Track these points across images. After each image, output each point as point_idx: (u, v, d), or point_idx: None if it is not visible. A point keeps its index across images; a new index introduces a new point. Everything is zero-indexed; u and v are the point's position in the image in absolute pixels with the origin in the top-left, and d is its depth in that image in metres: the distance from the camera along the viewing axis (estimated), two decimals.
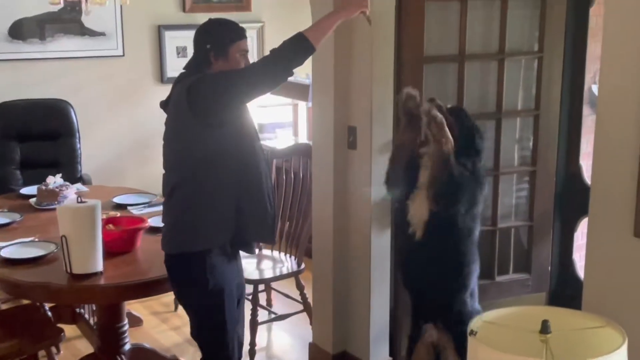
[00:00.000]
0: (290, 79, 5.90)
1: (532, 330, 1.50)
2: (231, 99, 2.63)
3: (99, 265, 2.90)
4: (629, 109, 2.30)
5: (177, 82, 2.77)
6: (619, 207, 2.34)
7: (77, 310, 3.92)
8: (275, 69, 2.60)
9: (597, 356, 1.43)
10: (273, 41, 5.77)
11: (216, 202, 2.67)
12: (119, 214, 3.50)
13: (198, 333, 2.80)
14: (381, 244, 3.39)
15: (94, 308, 3.70)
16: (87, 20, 5.07)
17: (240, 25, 2.75)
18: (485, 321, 1.57)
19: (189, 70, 2.75)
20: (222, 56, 2.68)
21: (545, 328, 1.48)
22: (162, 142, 5.81)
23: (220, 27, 2.72)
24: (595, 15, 3.64)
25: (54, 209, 3.18)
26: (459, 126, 2.82)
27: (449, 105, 2.93)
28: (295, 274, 3.93)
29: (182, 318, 4.34)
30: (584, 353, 1.50)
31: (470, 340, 1.52)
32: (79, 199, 2.98)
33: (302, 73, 5.52)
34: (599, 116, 2.44)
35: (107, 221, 3.23)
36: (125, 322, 3.43)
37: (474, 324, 1.56)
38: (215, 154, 2.66)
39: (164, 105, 2.86)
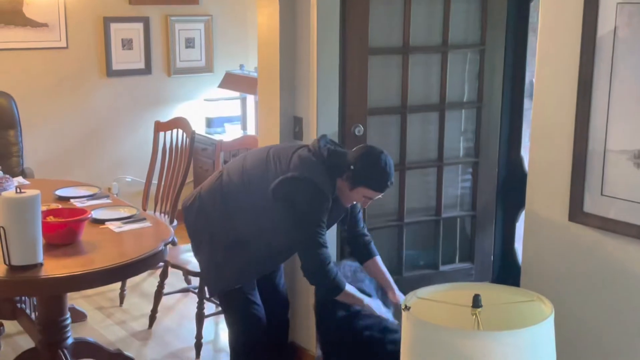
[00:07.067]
0: (237, 71, 5.88)
1: (464, 305, 1.53)
2: (285, 224, 2.73)
3: (39, 257, 2.83)
4: (564, 100, 2.37)
5: (300, 147, 2.81)
6: (555, 193, 2.41)
7: (18, 305, 3.82)
8: (314, 275, 2.71)
9: (526, 327, 1.48)
10: (221, 35, 5.78)
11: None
12: (60, 206, 3.43)
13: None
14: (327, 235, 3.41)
15: (35, 303, 3.62)
16: (29, 11, 4.96)
17: (390, 181, 2.73)
18: (419, 297, 1.60)
19: (318, 155, 2.73)
20: (350, 184, 2.70)
21: (476, 302, 1.52)
22: (108, 134, 5.75)
23: (375, 169, 2.69)
24: (537, 10, 3.73)
25: None
26: None
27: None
28: None
29: (127, 313, 4.29)
30: (513, 324, 1.55)
31: (404, 315, 1.55)
32: (18, 189, 2.91)
33: (251, 66, 5.51)
34: (536, 107, 2.51)
35: (47, 213, 3.17)
36: (67, 316, 3.36)
37: (408, 300, 1.59)
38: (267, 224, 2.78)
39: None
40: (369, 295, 2.79)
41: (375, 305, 2.73)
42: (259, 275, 2.91)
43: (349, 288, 2.71)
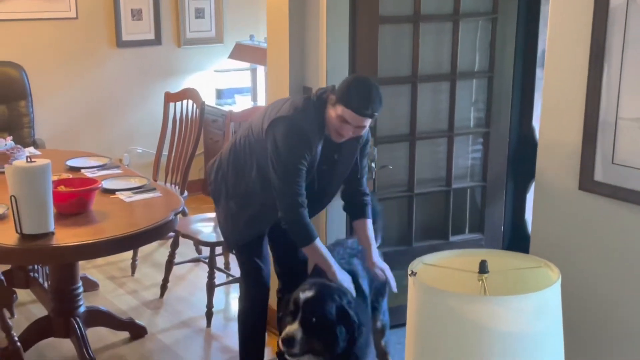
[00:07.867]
0: (248, 42, 5.83)
1: (471, 271, 1.53)
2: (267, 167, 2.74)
3: (50, 226, 2.86)
4: (576, 69, 2.34)
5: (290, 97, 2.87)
6: (566, 161, 2.39)
7: (31, 274, 3.87)
8: (286, 215, 2.70)
9: (532, 292, 1.47)
10: (231, 5, 5.73)
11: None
12: (71, 176, 3.45)
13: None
14: (336, 203, 3.41)
15: (48, 272, 3.66)
16: None
17: (371, 108, 2.60)
18: (425, 263, 1.60)
19: (308, 98, 2.74)
20: (332, 104, 2.66)
21: (483, 268, 1.52)
22: (118, 105, 5.75)
23: (357, 87, 2.61)
24: None
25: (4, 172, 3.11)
26: None
27: None
28: None
29: (139, 282, 4.32)
30: (520, 290, 1.54)
31: (410, 280, 1.55)
32: (29, 159, 2.92)
33: (262, 37, 5.47)
34: (547, 76, 2.47)
35: (58, 182, 3.19)
36: (79, 285, 3.40)
37: (414, 265, 1.59)
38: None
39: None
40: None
41: (341, 276, 2.68)
42: (269, 225, 2.92)
43: (320, 244, 2.70)
